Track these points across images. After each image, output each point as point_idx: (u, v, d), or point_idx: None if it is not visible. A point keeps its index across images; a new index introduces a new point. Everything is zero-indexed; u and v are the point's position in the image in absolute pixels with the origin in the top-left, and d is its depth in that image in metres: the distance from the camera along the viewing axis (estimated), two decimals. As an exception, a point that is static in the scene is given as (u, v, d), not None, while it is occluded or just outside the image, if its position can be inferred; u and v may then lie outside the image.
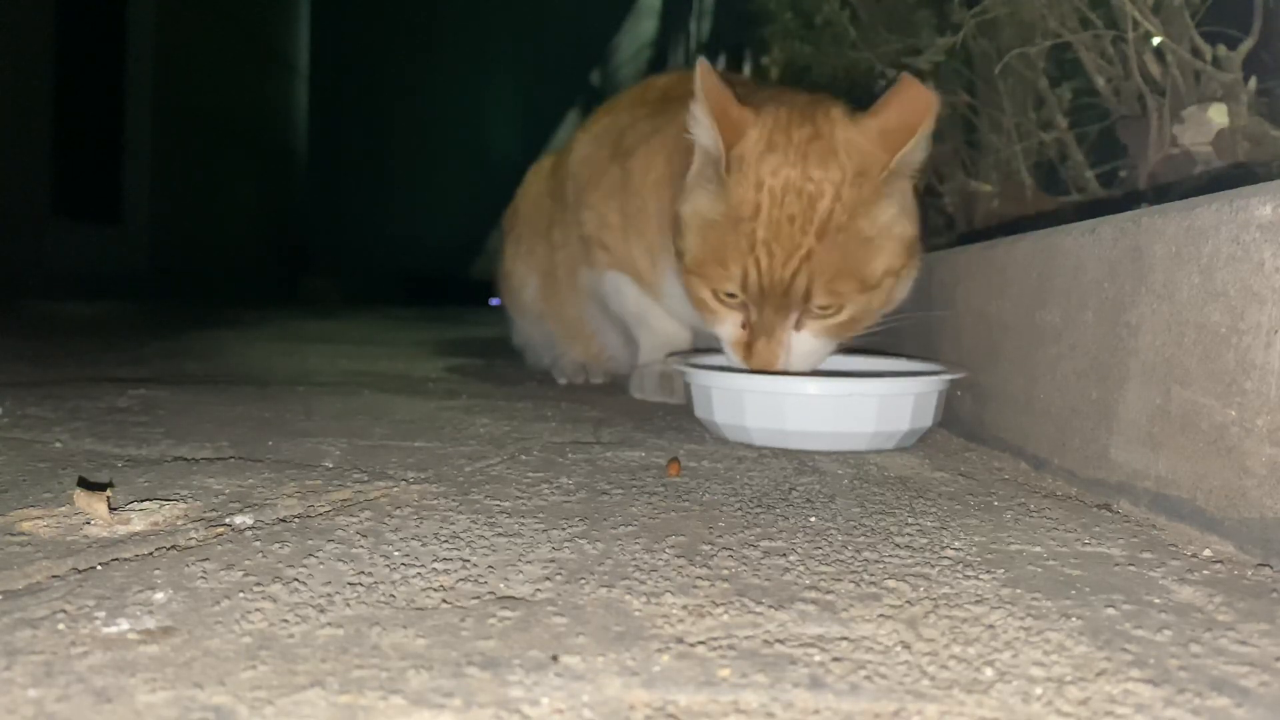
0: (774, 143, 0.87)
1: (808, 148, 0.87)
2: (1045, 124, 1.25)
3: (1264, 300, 0.50)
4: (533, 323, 1.47)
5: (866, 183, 0.85)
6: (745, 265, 0.85)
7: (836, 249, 0.85)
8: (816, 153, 0.86)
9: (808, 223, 0.85)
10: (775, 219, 0.85)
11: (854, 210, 0.85)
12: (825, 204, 0.85)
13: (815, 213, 0.84)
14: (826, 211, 0.85)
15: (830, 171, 0.85)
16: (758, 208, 0.85)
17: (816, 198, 0.85)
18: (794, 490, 0.67)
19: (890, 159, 0.85)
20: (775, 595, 0.43)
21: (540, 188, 1.41)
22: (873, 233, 0.86)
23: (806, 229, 0.84)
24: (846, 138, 0.87)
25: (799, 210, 0.85)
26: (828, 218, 0.85)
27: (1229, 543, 0.52)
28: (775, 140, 0.87)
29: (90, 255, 4.08)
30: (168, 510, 0.55)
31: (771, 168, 0.86)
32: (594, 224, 1.18)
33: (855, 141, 0.87)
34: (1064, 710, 0.32)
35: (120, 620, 0.37)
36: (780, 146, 0.87)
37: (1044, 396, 0.76)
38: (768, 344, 0.87)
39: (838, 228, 0.85)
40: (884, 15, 1.51)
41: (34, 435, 0.79)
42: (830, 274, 0.85)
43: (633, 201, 1.12)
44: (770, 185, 0.85)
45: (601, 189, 1.17)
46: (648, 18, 6.98)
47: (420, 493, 0.62)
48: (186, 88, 4.83)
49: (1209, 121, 0.95)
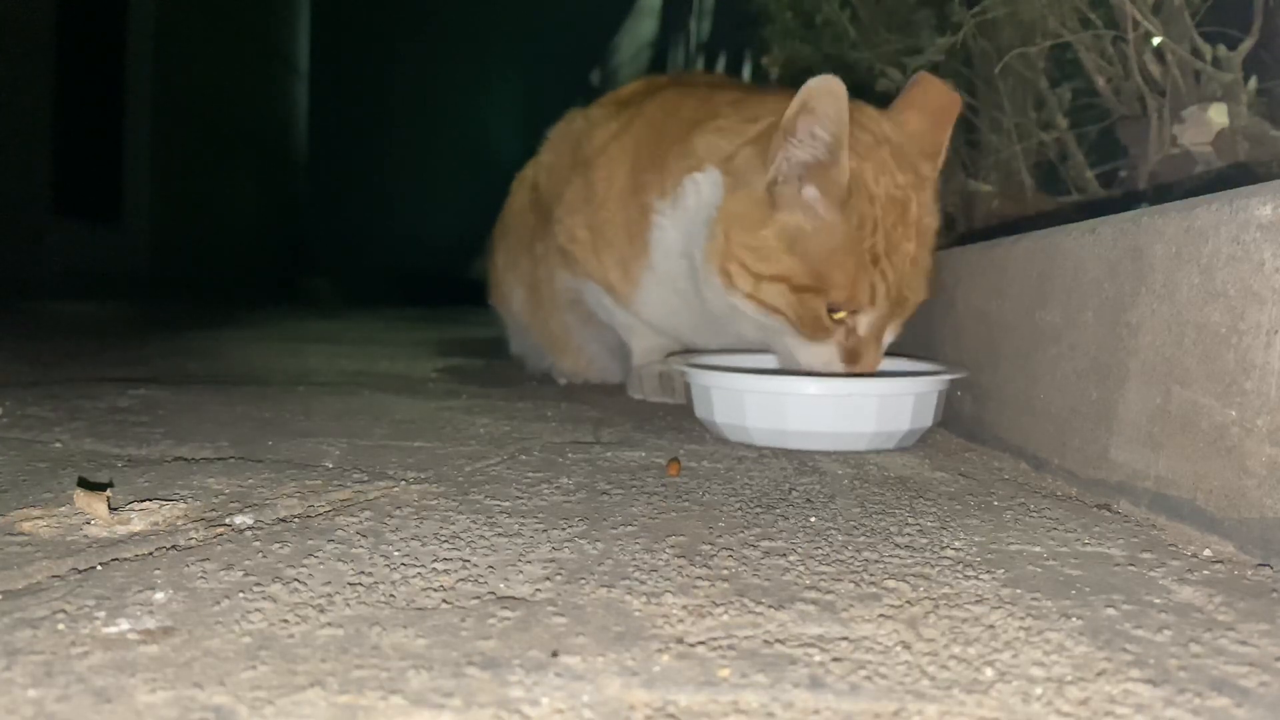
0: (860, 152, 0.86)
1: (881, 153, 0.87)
2: (1045, 124, 1.25)
3: (1264, 300, 0.50)
4: (525, 333, 1.47)
5: (927, 187, 0.88)
6: (873, 279, 0.86)
7: (926, 250, 0.88)
8: (891, 158, 0.87)
9: (908, 228, 0.86)
10: (888, 228, 0.86)
11: (929, 211, 0.88)
12: (914, 209, 0.86)
13: (909, 217, 0.86)
14: (916, 216, 0.87)
15: (906, 175, 0.87)
16: (876, 220, 0.85)
17: (906, 203, 0.86)
18: (794, 490, 0.67)
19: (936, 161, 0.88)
20: (775, 595, 0.43)
21: (523, 199, 1.40)
22: (934, 230, 0.90)
23: (909, 235, 0.86)
24: (900, 142, 0.89)
25: (898, 217, 0.86)
26: (918, 221, 0.87)
27: (1229, 543, 0.52)
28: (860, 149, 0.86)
29: (90, 255, 4.08)
30: (168, 510, 0.55)
31: (873, 176, 0.86)
32: (564, 237, 1.16)
33: (907, 146, 0.89)
34: (1064, 710, 0.32)
35: (120, 620, 0.37)
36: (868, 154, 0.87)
37: (1044, 396, 0.76)
38: (874, 347, 0.88)
39: (925, 229, 0.87)
40: (884, 15, 1.51)
41: (34, 435, 0.79)
42: (925, 274, 0.88)
43: (599, 215, 1.10)
44: (879, 194, 0.86)
45: (566, 202, 1.16)
46: (648, 18, 6.98)
47: (420, 493, 0.62)
48: (186, 88, 4.83)
49: (1209, 121, 0.95)
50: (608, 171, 1.10)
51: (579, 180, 1.14)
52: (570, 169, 1.17)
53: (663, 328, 1.13)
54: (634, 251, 1.07)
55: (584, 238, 1.13)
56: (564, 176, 1.18)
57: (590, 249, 1.12)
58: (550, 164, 1.25)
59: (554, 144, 1.27)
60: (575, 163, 1.16)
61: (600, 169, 1.11)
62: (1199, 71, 0.99)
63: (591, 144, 1.15)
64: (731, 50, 4.03)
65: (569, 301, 1.26)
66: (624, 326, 1.19)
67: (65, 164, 3.83)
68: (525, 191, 1.41)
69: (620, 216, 1.08)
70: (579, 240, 1.14)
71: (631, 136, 1.10)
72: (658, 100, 1.12)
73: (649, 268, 1.06)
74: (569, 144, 1.21)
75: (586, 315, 1.25)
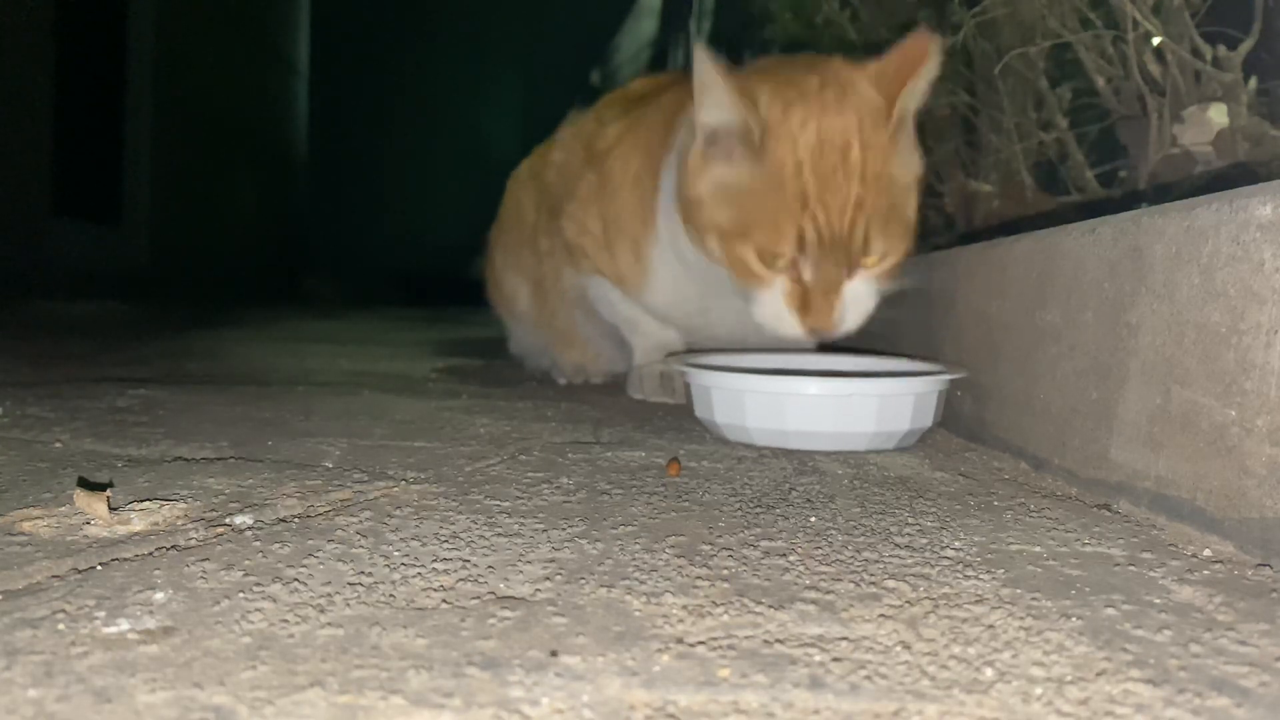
0: (789, 99, 0.87)
1: (824, 96, 0.87)
2: (1045, 124, 1.25)
3: (1264, 300, 0.50)
4: (528, 330, 1.47)
5: (881, 128, 0.86)
6: (800, 222, 0.85)
7: (883, 193, 0.86)
8: (833, 100, 0.87)
9: (850, 170, 0.85)
10: (821, 172, 0.85)
11: (884, 155, 0.86)
12: (856, 151, 0.85)
13: (850, 159, 0.85)
14: (859, 158, 0.85)
15: (849, 117, 0.86)
16: (799, 164, 0.85)
17: (847, 146, 0.85)
18: (794, 490, 0.67)
19: (892, 103, 0.86)
20: (775, 595, 0.43)
21: (520, 194, 1.41)
22: (905, 178, 0.88)
23: (851, 176, 0.85)
24: (852, 81, 0.88)
25: (837, 160, 0.85)
26: (863, 163, 0.85)
27: (1229, 543, 0.52)
28: (789, 96, 0.88)
29: (90, 255, 4.08)
30: (168, 510, 0.55)
31: (800, 122, 0.86)
32: (574, 232, 1.17)
33: (861, 87, 0.88)
34: (1064, 710, 0.32)
35: (120, 620, 0.37)
36: (797, 101, 0.87)
37: (1044, 396, 0.76)
38: (826, 298, 0.87)
39: (876, 173, 0.86)
40: (884, 15, 1.51)
41: (34, 435, 0.79)
42: (882, 219, 0.86)
43: (612, 204, 1.12)
44: (804, 140, 0.86)
45: (579, 196, 1.17)
46: (648, 18, 6.97)
47: (420, 493, 0.62)
48: (186, 88, 4.82)
49: (1209, 121, 0.95)
50: (622, 162, 1.12)
51: (592, 175, 1.16)
52: (583, 165, 1.18)
53: (670, 314, 1.14)
54: (645, 231, 1.09)
55: (596, 230, 1.14)
56: (577, 173, 1.19)
57: (602, 241, 1.14)
58: (562, 162, 1.25)
59: (565, 143, 1.28)
60: (588, 159, 1.18)
61: (615, 159, 1.13)
62: (1199, 71, 0.99)
63: (605, 139, 1.16)
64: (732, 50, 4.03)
65: (576, 298, 1.26)
66: (627, 322, 1.19)
67: (65, 164, 3.82)
68: (521, 187, 1.41)
69: (633, 199, 1.10)
70: (591, 233, 1.15)
71: (645, 127, 1.12)
72: (672, 92, 1.13)
73: (657, 242, 1.07)
74: (581, 142, 1.22)
75: (592, 310, 1.25)
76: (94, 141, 4.27)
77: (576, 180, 1.18)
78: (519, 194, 1.41)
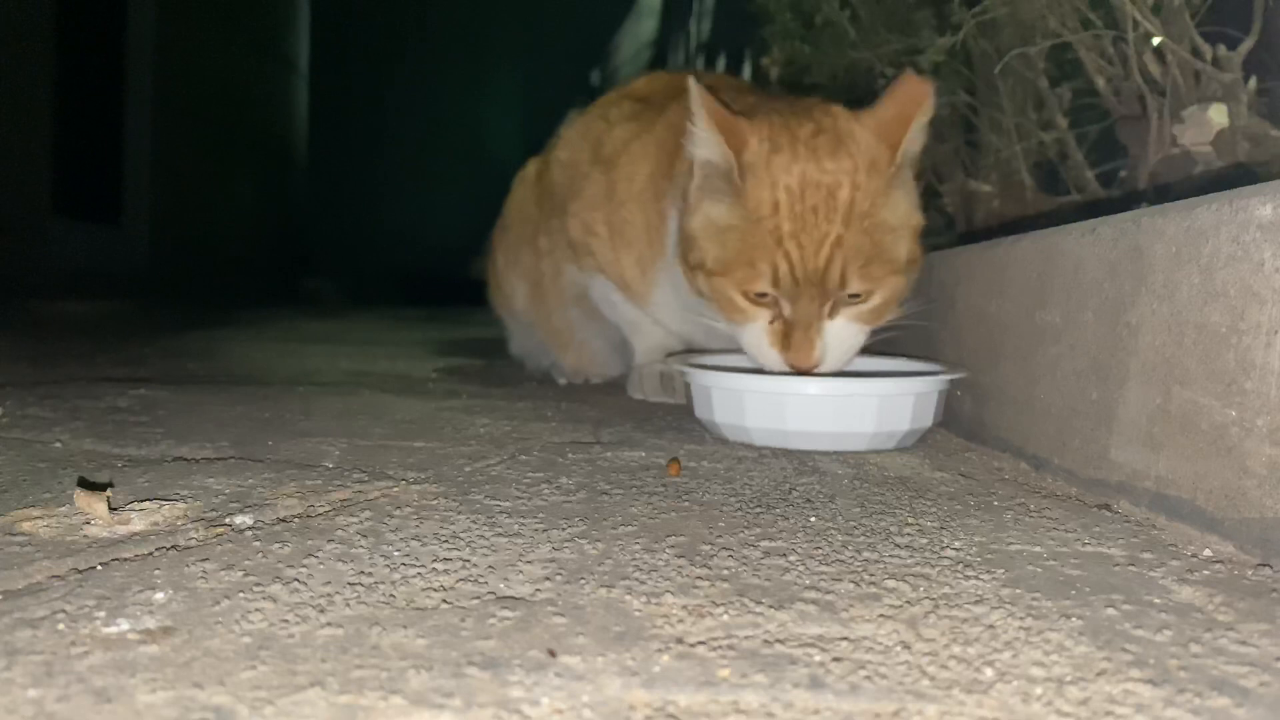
0: (778, 143, 0.89)
1: (815, 142, 0.88)
2: (1045, 124, 1.25)
3: (1264, 300, 0.50)
4: (528, 330, 1.47)
5: (878, 174, 0.87)
6: (774, 260, 0.86)
7: (865, 235, 0.86)
8: (825, 146, 0.88)
9: (832, 211, 0.86)
10: (798, 212, 0.86)
11: (874, 198, 0.87)
12: (845, 193, 0.86)
13: (837, 201, 0.86)
14: (848, 200, 0.86)
15: (842, 162, 0.87)
16: (776, 205, 0.86)
17: (835, 188, 0.86)
18: (794, 490, 0.67)
19: (895, 150, 0.87)
20: (775, 595, 0.43)
21: (525, 194, 1.41)
22: (896, 222, 0.88)
23: (832, 217, 0.86)
24: (850, 130, 0.89)
25: (820, 201, 0.86)
26: (850, 205, 0.86)
27: (1229, 543, 0.52)
28: (779, 140, 0.89)
29: (90, 255, 4.08)
30: (168, 510, 0.55)
31: (783, 165, 0.87)
32: (579, 230, 1.17)
33: (859, 134, 0.89)
34: (1064, 710, 0.32)
35: (120, 620, 0.37)
36: (785, 145, 0.88)
37: (1044, 396, 0.76)
38: (805, 334, 0.87)
39: (862, 215, 0.86)
40: (884, 15, 1.51)
41: (34, 435, 0.79)
42: (863, 259, 0.86)
43: (619, 214, 1.12)
44: (786, 183, 0.87)
45: (585, 197, 1.17)
46: (648, 18, 6.97)
47: (420, 493, 0.62)
48: (186, 88, 4.82)
49: (1209, 121, 0.95)
50: (629, 171, 1.12)
51: (600, 176, 1.16)
52: (590, 165, 1.18)
53: (675, 328, 1.15)
54: (652, 253, 1.09)
55: (603, 233, 1.15)
56: (583, 172, 1.19)
57: (609, 245, 1.14)
58: (567, 160, 1.25)
59: (570, 141, 1.28)
60: (595, 160, 1.18)
61: (622, 168, 1.13)
62: (1199, 71, 0.99)
63: (613, 142, 1.16)
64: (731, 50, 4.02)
65: (575, 296, 1.26)
66: (629, 323, 1.20)
67: (65, 164, 3.82)
68: (527, 187, 1.41)
69: (640, 218, 1.10)
70: (598, 235, 1.15)
71: (654, 139, 1.12)
72: (676, 109, 1.13)
73: (666, 268, 1.08)
74: (588, 142, 1.22)
75: (591, 310, 1.25)
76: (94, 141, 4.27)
77: (583, 179, 1.18)
78: (524, 194, 1.42)
